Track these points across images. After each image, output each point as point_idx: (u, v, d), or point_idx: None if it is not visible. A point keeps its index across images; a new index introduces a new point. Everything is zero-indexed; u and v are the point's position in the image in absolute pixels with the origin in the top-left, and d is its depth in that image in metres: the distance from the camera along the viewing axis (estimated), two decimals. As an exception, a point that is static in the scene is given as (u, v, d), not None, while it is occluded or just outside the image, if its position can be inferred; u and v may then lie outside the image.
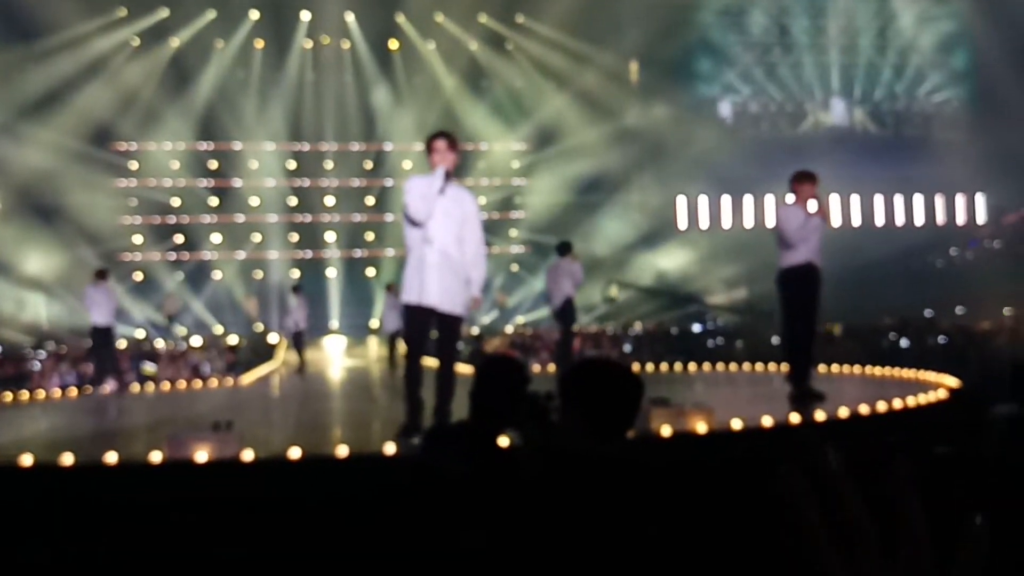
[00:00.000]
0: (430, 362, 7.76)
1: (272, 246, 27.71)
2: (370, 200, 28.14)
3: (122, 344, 19.19)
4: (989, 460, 7.48)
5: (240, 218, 27.60)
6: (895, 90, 30.80)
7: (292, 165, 28.40)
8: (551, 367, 17.71)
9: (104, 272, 16.01)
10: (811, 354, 9.77)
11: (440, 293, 7.62)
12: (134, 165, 26.95)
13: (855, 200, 29.43)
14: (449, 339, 7.76)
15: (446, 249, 7.63)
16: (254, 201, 27.79)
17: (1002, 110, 27.15)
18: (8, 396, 15.16)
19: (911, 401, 9.18)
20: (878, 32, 30.43)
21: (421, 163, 7.24)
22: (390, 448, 7.01)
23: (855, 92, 30.76)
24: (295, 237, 28.06)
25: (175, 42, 27.00)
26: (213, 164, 27.78)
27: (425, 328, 7.72)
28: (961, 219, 30.19)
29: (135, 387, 16.58)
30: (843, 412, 8.47)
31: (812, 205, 9.42)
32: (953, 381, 11.13)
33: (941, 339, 17.17)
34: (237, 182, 27.75)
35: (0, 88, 24.78)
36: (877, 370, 13.93)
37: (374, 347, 24.39)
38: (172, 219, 27.26)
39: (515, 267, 27.52)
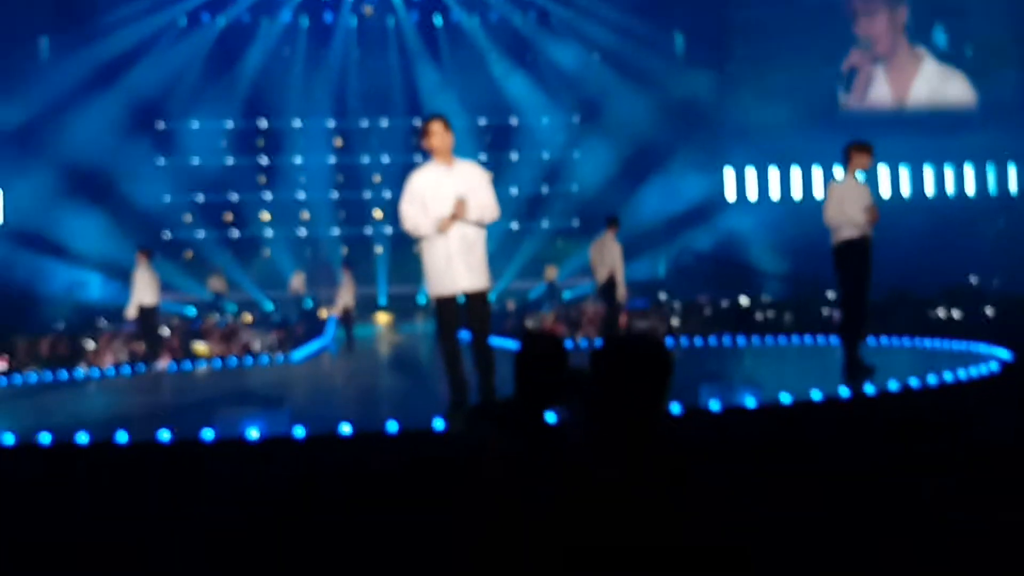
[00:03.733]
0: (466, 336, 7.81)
1: (320, 223, 27.87)
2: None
3: (173, 322, 19.41)
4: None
5: (289, 195, 27.79)
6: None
7: (339, 142, 28.53)
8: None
9: (149, 251, 16.15)
10: (863, 328, 9.73)
11: (467, 275, 7.67)
12: (181, 143, 27.19)
13: (904, 172, 29.04)
14: (482, 315, 7.77)
15: (461, 231, 7.65)
16: (301, 178, 27.95)
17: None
18: (64, 374, 15.43)
19: (962, 374, 9.09)
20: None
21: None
22: (439, 425, 7.06)
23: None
24: (343, 214, 28.20)
25: (221, 21, 27.19)
26: (260, 142, 27.97)
27: (457, 312, 7.76)
28: (1015, 188, 29.70)
29: (187, 365, 16.79)
30: (893, 386, 8.41)
31: (866, 198, 9.38)
32: (1006, 353, 11.00)
33: (989, 310, 16.94)
34: (285, 159, 27.92)
35: (51, 69, 25.07)
36: (928, 342, 13.78)
37: (422, 323, 24.50)
38: (220, 197, 27.48)
39: (562, 242, 27.48)
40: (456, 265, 7.62)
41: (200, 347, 18.00)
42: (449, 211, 7.54)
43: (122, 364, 16.77)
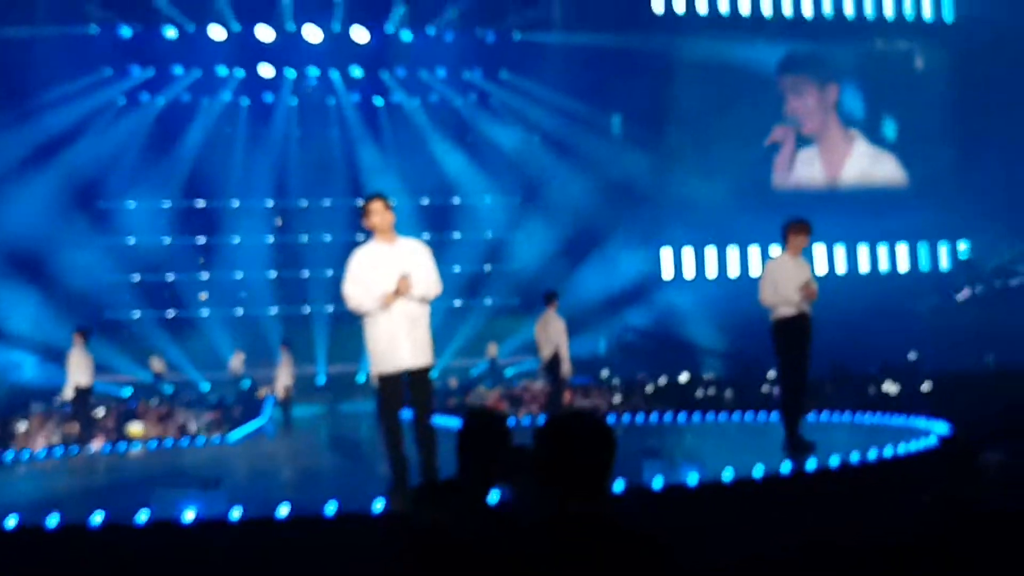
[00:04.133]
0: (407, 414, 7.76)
1: (258, 302, 27.63)
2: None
3: (108, 404, 19.08)
4: (979, 506, 7.46)
5: (228, 275, 27.55)
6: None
7: (278, 222, 28.42)
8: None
9: (86, 331, 15.96)
10: (802, 404, 9.81)
11: (411, 353, 7.66)
12: (119, 223, 26.90)
13: (839, 250, 29.61)
14: (424, 392, 7.75)
15: (405, 308, 7.66)
16: (241, 258, 27.74)
17: (982, 156, 27.52)
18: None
19: (901, 449, 9.16)
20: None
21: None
22: (379, 506, 6.96)
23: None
24: (281, 293, 27.98)
25: (160, 101, 27.16)
26: (198, 222, 27.74)
27: (400, 390, 7.73)
28: (945, 266, 30.37)
29: (122, 446, 16.47)
30: (834, 461, 8.45)
31: (803, 276, 9.52)
32: (943, 427, 11.12)
33: (926, 386, 17.15)
34: (223, 239, 27.74)
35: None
36: (867, 417, 13.90)
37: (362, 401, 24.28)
38: (157, 277, 27.18)
39: (504, 320, 27.48)
40: (400, 342, 7.60)
41: (135, 428, 17.69)
42: (392, 287, 7.53)
43: (55, 446, 16.42)
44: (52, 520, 6.81)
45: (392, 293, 7.53)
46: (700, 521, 7.00)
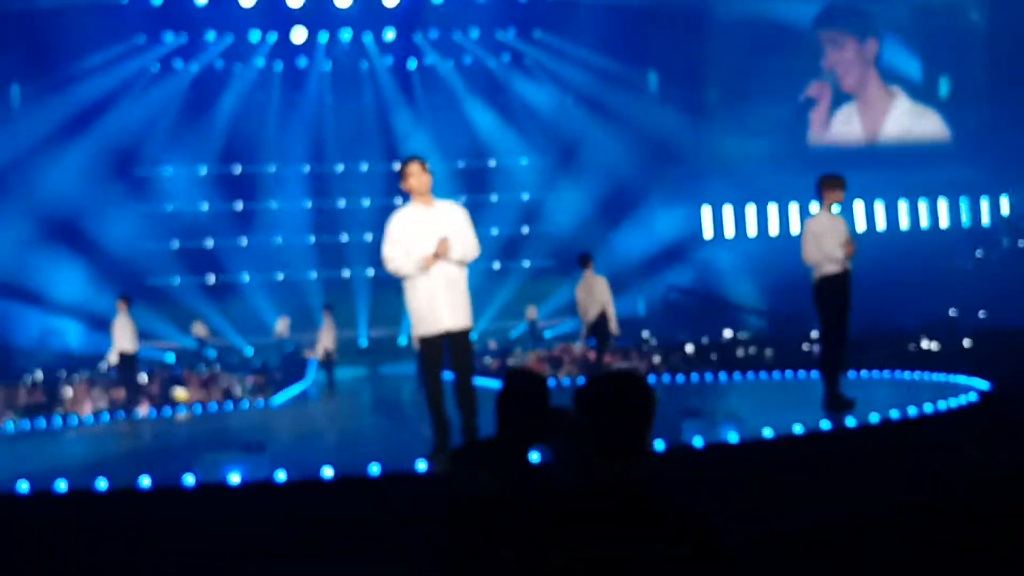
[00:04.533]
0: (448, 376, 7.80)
1: (298, 267, 27.74)
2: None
3: (149, 371, 19.30)
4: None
5: (267, 240, 27.68)
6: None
7: (316, 186, 28.46)
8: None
9: (128, 299, 16.17)
10: (843, 361, 9.75)
11: (451, 315, 7.68)
12: (157, 190, 27.08)
13: (879, 206, 29.28)
14: (464, 354, 7.80)
15: (444, 270, 7.67)
16: (280, 223, 27.83)
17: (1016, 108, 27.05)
18: (42, 422, 15.30)
19: (942, 405, 9.12)
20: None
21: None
22: (422, 467, 7.02)
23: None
24: (321, 258, 28.05)
25: (194, 67, 27.24)
26: (236, 188, 27.82)
27: (442, 351, 7.77)
28: (986, 222, 29.98)
29: (167, 411, 16.69)
30: (874, 418, 8.44)
31: (843, 232, 9.44)
32: (984, 384, 11.05)
33: (967, 342, 17.01)
34: (261, 204, 27.84)
35: (26, 116, 25.02)
36: (907, 374, 13.83)
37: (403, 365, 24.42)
38: (196, 243, 27.36)
39: (541, 281, 27.44)
40: (440, 305, 7.64)
41: (180, 393, 17.90)
42: (431, 250, 7.56)
43: (101, 411, 16.66)
44: (101, 484, 6.93)
45: (431, 256, 7.55)
46: (740, 480, 7.01)
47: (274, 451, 7.68)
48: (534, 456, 3.93)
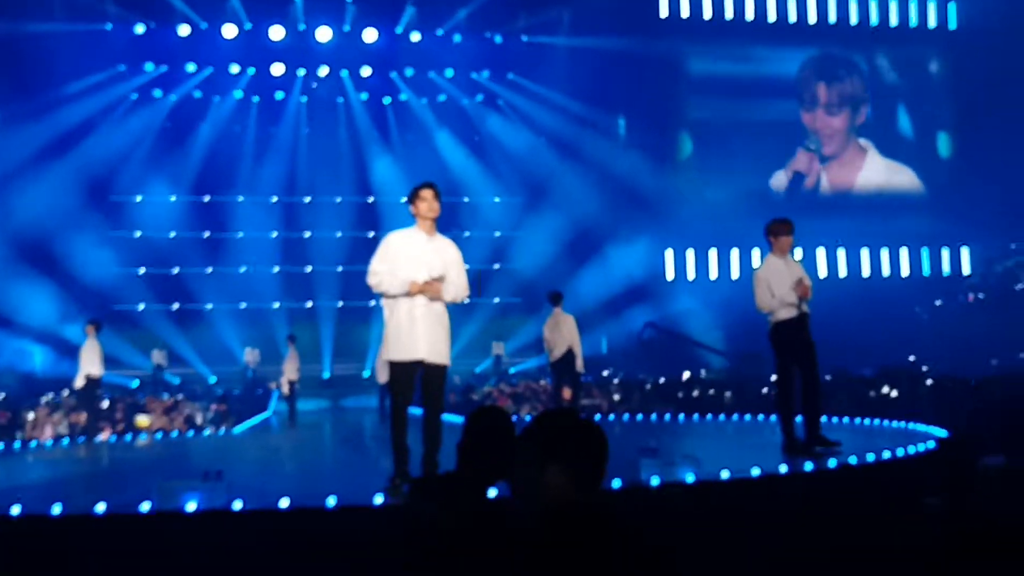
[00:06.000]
0: (416, 411, 7.79)
1: (265, 296, 27.61)
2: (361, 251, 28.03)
3: (112, 396, 19.18)
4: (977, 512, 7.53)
5: (236, 269, 27.56)
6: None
7: (285, 217, 28.38)
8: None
9: (98, 323, 16.13)
10: (818, 405, 9.57)
11: (428, 345, 7.65)
12: (130, 216, 26.95)
13: (841, 254, 29.65)
14: (436, 389, 7.74)
15: (430, 302, 7.67)
16: (249, 253, 27.72)
17: (983, 161, 27.57)
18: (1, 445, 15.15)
19: (900, 452, 9.21)
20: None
21: (410, 216, 7.28)
22: (379, 499, 7.04)
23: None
24: (289, 288, 27.95)
25: (172, 97, 27.24)
26: (205, 216, 27.71)
27: (413, 380, 7.73)
28: (947, 270, 30.41)
29: (128, 437, 16.57)
30: (832, 463, 8.52)
31: (795, 274, 9.48)
32: (942, 432, 11.17)
33: (925, 389, 17.19)
34: (232, 234, 27.74)
35: (4, 139, 24.88)
36: (866, 421, 13.93)
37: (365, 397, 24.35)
38: (167, 271, 27.19)
39: (507, 317, 27.47)
40: (418, 333, 7.60)
41: (142, 420, 17.81)
42: (420, 277, 7.58)
43: (62, 436, 16.54)
44: (55, 508, 6.90)
45: (420, 283, 7.56)
46: (696, 519, 7.07)
47: (232, 479, 7.67)
48: (492, 492, 3.98)
